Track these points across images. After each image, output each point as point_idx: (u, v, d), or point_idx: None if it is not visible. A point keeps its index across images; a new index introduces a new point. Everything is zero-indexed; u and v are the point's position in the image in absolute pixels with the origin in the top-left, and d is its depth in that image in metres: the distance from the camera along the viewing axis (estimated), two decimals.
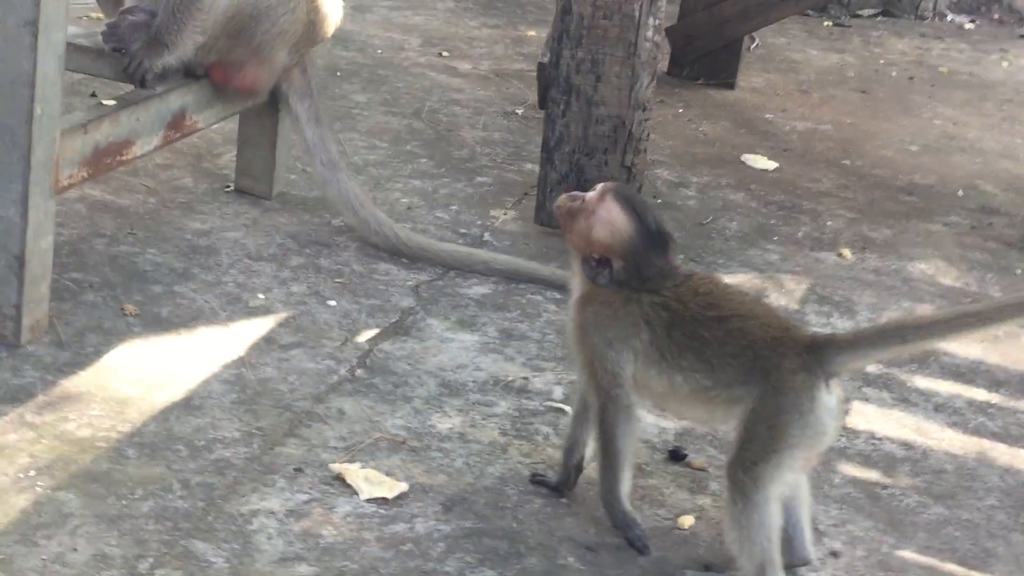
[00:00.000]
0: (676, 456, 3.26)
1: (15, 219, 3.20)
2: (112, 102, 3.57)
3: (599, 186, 2.99)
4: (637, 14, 4.14)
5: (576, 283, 3.03)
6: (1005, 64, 7.52)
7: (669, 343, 2.86)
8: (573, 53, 4.20)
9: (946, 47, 7.72)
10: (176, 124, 3.77)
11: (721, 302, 2.88)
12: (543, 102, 4.33)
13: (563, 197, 3.05)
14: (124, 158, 3.57)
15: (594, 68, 4.20)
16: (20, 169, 3.17)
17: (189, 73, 3.81)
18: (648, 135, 4.27)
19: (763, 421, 2.76)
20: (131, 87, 3.69)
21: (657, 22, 4.16)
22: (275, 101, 4.20)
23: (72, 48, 3.50)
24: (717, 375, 2.83)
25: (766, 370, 2.78)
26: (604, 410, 2.91)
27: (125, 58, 3.65)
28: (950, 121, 6.19)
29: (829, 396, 2.77)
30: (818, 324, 4.01)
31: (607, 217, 2.91)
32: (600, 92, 4.22)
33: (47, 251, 3.32)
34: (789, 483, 2.80)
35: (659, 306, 2.87)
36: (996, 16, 8.76)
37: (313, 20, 3.87)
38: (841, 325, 4.02)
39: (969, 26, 8.41)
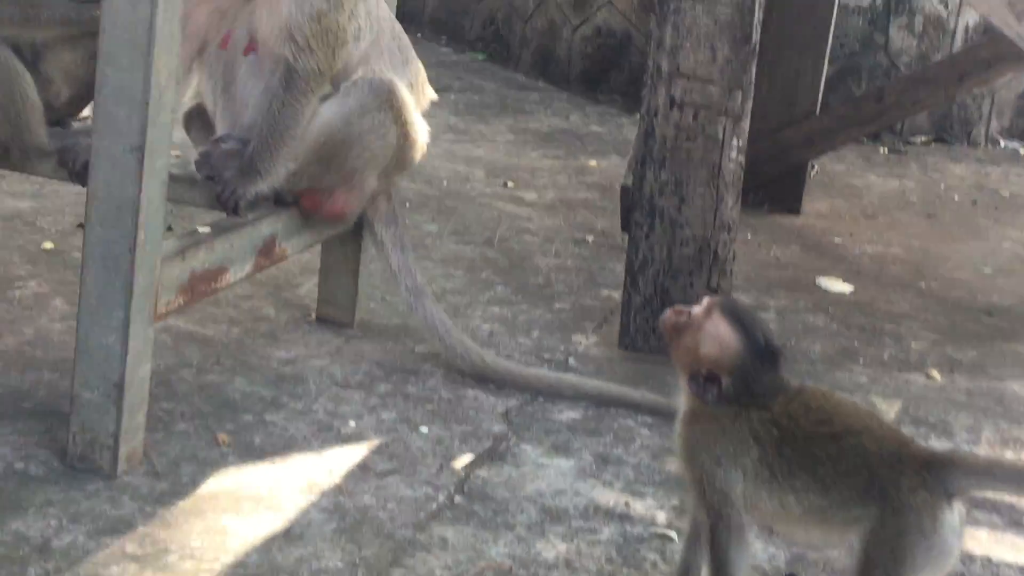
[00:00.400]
0: None
1: (115, 347, 3.18)
2: (206, 229, 3.57)
3: (706, 299, 2.94)
4: (721, 135, 4.15)
5: (683, 400, 2.95)
6: None
7: (780, 461, 2.78)
8: (656, 175, 4.20)
9: (1004, 171, 7.73)
10: (267, 251, 3.77)
11: (834, 417, 2.80)
12: (625, 224, 4.32)
13: (669, 312, 3.00)
14: (218, 285, 3.56)
15: (678, 190, 4.20)
16: (122, 296, 3.16)
17: (279, 200, 3.82)
18: (734, 257, 4.25)
19: (884, 544, 2.66)
20: (215, 217, 3.69)
21: (741, 143, 4.17)
22: (358, 229, 4.20)
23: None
24: (832, 495, 2.74)
25: (884, 489, 2.69)
26: (715, 530, 2.82)
27: (218, 186, 3.66)
28: (1019, 244, 6.15)
29: (952, 515, 2.68)
30: None
31: (715, 332, 2.84)
32: (684, 214, 4.21)
33: (144, 380, 3.29)
34: None
35: (769, 422, 2.79)
36: None
37: (403, 145, 3.88)
38: (940, 447, 3.93)
39: (1023, 151, 8.43)
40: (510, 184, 6.19)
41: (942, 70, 6.06)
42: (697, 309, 2.92)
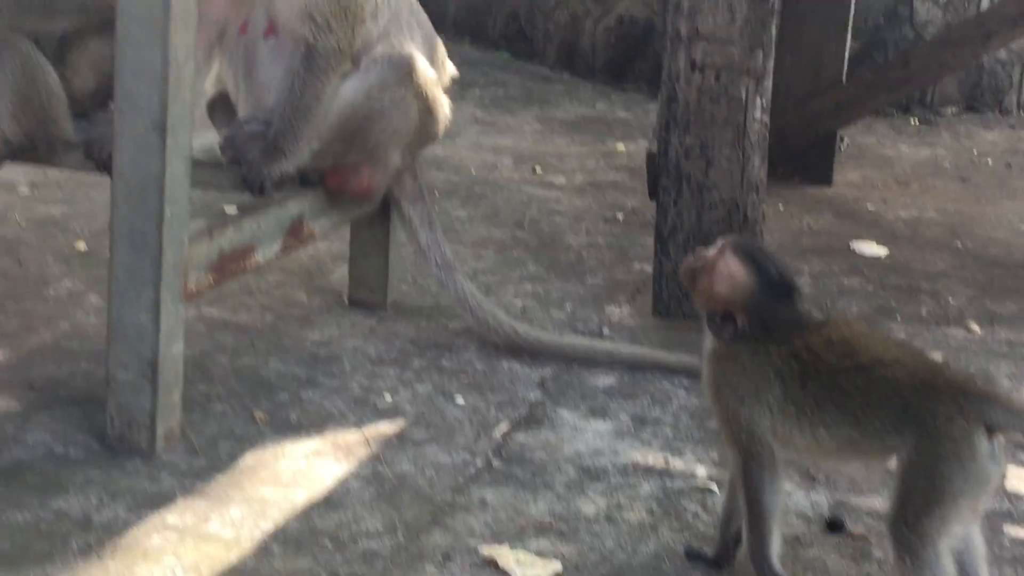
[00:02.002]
0: (835, 526, 3.12)
1: (147, 325, 3.20)
2: (233, 209, 3.59)
3: (719, 240, 2.93)
4: (744, 95, 4.13)
5: (707, 342, 2.94)
6: None
7: (804, 396, 2.74)
8: (681, 140, 4.19)
9: None
10: (295, 231, 3.78)
11: (860, 350, 2.75)
12: (653, 192, 4.30)
13: (688, 258, 2.99)
14: (248, 264, 3.57)
15: (704, 153, 4.18)
16: (151, 274, 3.17)
17: (304, 180, 3.84)
18: (764, 217, 4.22)
19: (922, 473, 2.62)
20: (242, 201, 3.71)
21: (764, 102, 4.15)
22: (386, 211, 4.21)
23: None
24: (864, 426, 2.70)
25: (920, 417, 2.65)
26: (746, 468, 2.80)
27: (243, 167, 3.68)
28: None
29: (989, 444, 2.64)
30: None
31: (726, 271, 2.82)
32: (711, 177, 4.19)
33: (178, 358, 3.30)
34: (958, 535, 2.65)
35: (789, 358, 2.75)
36: None
37: (425, 120, 3.88)
38: None
39: None
40: (538, 170, 6.19)
41: (967, 30, 6.00)
42: (711, 250, 2.91)
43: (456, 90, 7.83)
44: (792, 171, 6.24)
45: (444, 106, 3.98)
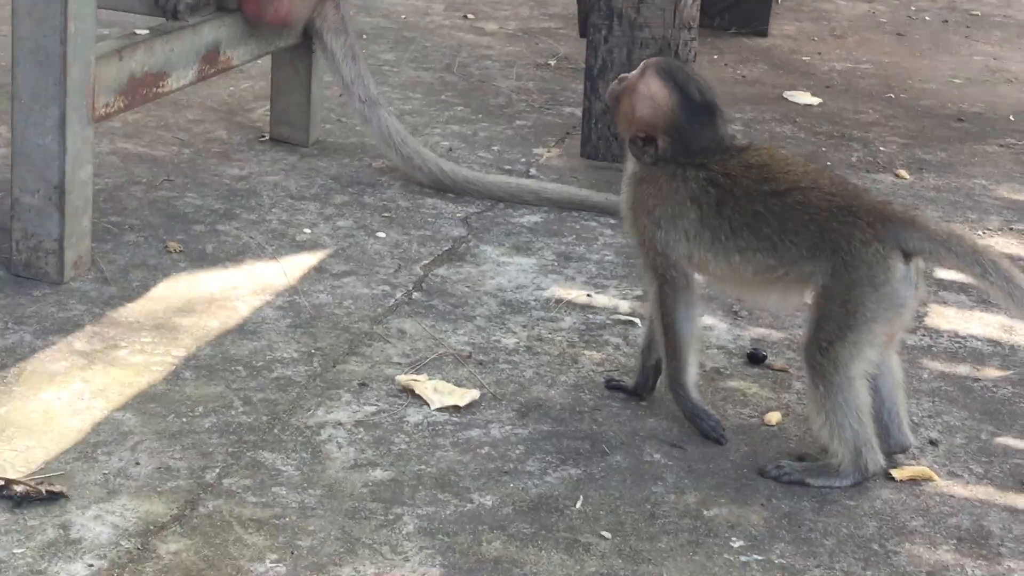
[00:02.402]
0: (755, 359, 3.10)
1: (53, 147, 3.07)
2: (144, 32, 3.45)
3: (643, 63, 2.84)
4: None
5: (628, 165, 2.87)
6: None
7: (720, 221, 2.69)
8: None
9: None
10: (210, 58, 3.64)
11: (778, 174, 2.69)
12: (584, 30, 4.19)
13: (613, 82, 2.90)
14: (160, 89, 3.44)
15: None
16: (56, 92, 3.04)
17: (221, 6, 3.69)
18: (695, 56, 4.13)
19: (836, 298, 2.59)
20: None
21: None
22: (308, 45, 4.07)
23: None
24: (780, 253, 2.65)
25: (836, 243, 2.61)
26: (661, 293, 2.76)
27: None
28: (990, 57, 6.03)
29: (905, 268, 2.60)
30: None
31: (647, 92, 2.76)
32: (643, 13, 4.08)
33: (87, 183, 3.18)
34: (873, 362, 2.63)
35: (705, 182, 2.70)
36: None
37: None
38: None
39: None
40: (470, 16, 6.03)
41: None
42: (633, 72, 2.82)
43: None
44: (729, 22, 6.14)
45: None
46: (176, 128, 4.27)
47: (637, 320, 3.23)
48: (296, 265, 3.40)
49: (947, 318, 3.39)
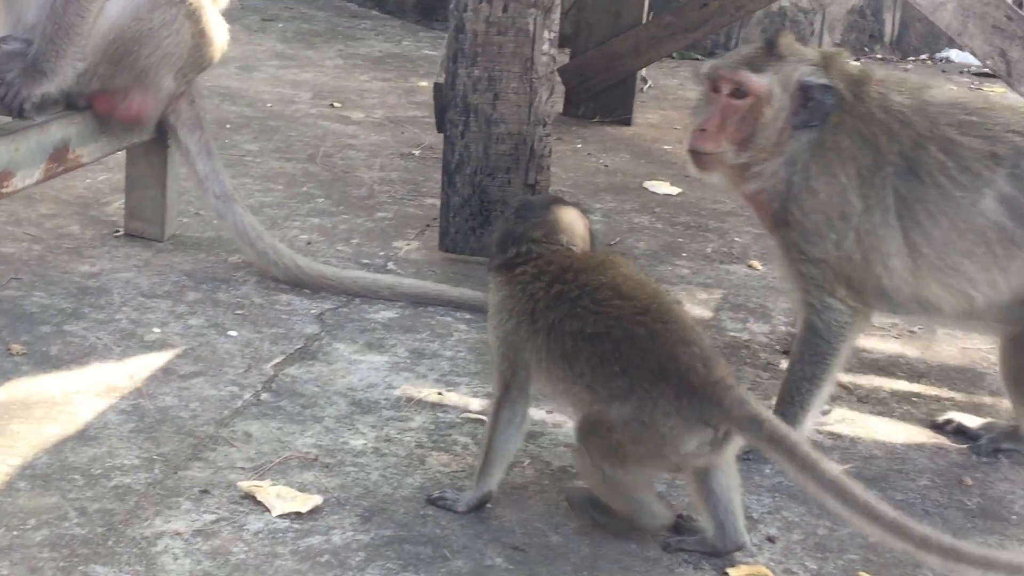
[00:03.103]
0: None
1: None
2: None
3: None
4: (532, 28, 4.08)
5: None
6: None
7: (547, 343, 2.75)
8: (469, 72, 4.12)
9: None
10: (58, 157, 3.61)
11: (609, 308, 2.69)
12: (441, 125, 4.23)
13: None
14: (4, 189, 3.39)
15: (491, 86, 4.13)
16: None
17: (71, 104, 3.66)
18: (550, 151, 4.20)
19: (628, 437, 2.64)
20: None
21: (552, 35, 4.10)
22: (163, 139, 4.05)
23: None
24: (594, 392, 2.67)
25: (641, 402, 2.61)
26: (497, 399, 2.82)
27: (1, 87, 3.49)
28: None
29: (702, 434, 2.61)
30: (735, 329, 3.93)
31: None
32: (499, 110, 4.14)
33: None
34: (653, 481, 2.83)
35: (545, 299, 2.75)
36: (880, 56, 8.93)
37: (199, 43, 3.74)
38: (758, 329, 3.95)
39: None
40: (337, 104, 6.07)
41: None
42: None
43: (258, 23, 7.67)
44: (593, 111, 6.26)
45: (220, 29, 3.84)
46: (27, 223, 4.21)
47: (486, 419, 3.24)
48: (143, 366, 3.36)
49: None
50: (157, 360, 3.40)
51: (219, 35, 3.83)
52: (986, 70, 5.69)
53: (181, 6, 3.64)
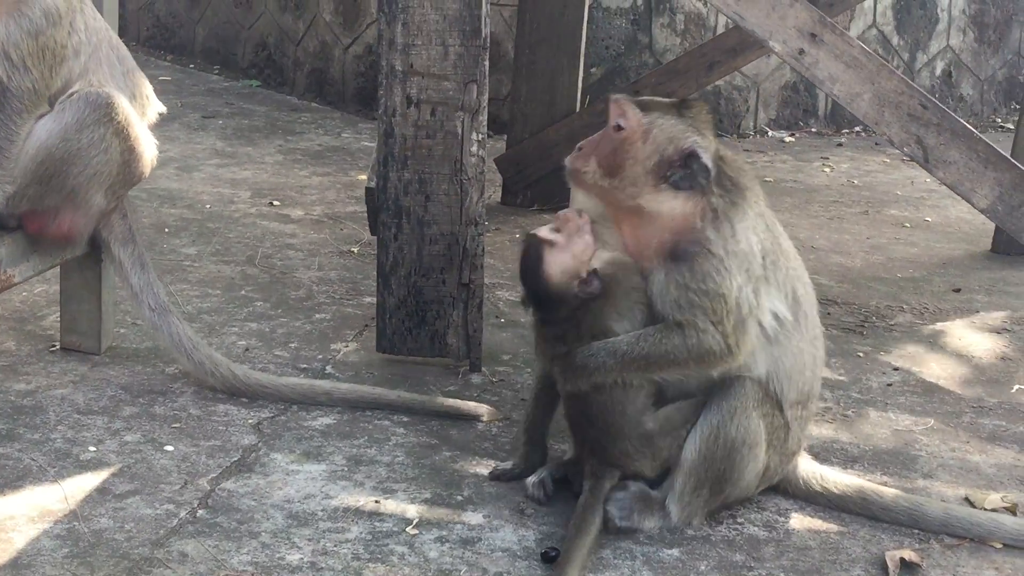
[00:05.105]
0: (548, 558, 3.14)
1: None
2: None
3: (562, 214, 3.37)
4: (460, 130, 4.15)
5: None
6: (827, 170, 7.77)
7: None
8: (400, 175, 4.18)
9: (770, 159, 7.96)
10: None
11: None
12: (374, 228, 4.28)
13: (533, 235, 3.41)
14: None
15: (422, 188, 4.18)
16: None
17: (1, 225, 3.68)
18: (483, 250, 4.24)
19: None
20: None
21: (480, 137, 4.17)
22: (97, 252, 4.07)
23: None
24: None
25: None
26: None
27: None
28: (782, 224, 6.29)
29: None
30: None
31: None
32: (431, 211, 4.19)
33: None
34: None
35: None
36: (814, 129, 9.09)
37: (128, 160, 3.77)
38: None
39: (789, 139, 8.70)
40: (276, 203, 6.11)
41: (692, 60, 6.20)
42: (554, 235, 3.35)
43: (199, 121, 7.74)
44: (531, 199, 6.34)
45: (149, 144, 3.88)
46: None
47: (416, 531, 3.25)
48: (78, 487, 3.35)
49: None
50: (92, 480, 3.40)
51: (148, 150, 3.87)
52: None
53: (109, 125, 3.68)
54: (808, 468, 3.52)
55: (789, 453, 3.43)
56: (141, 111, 3.85)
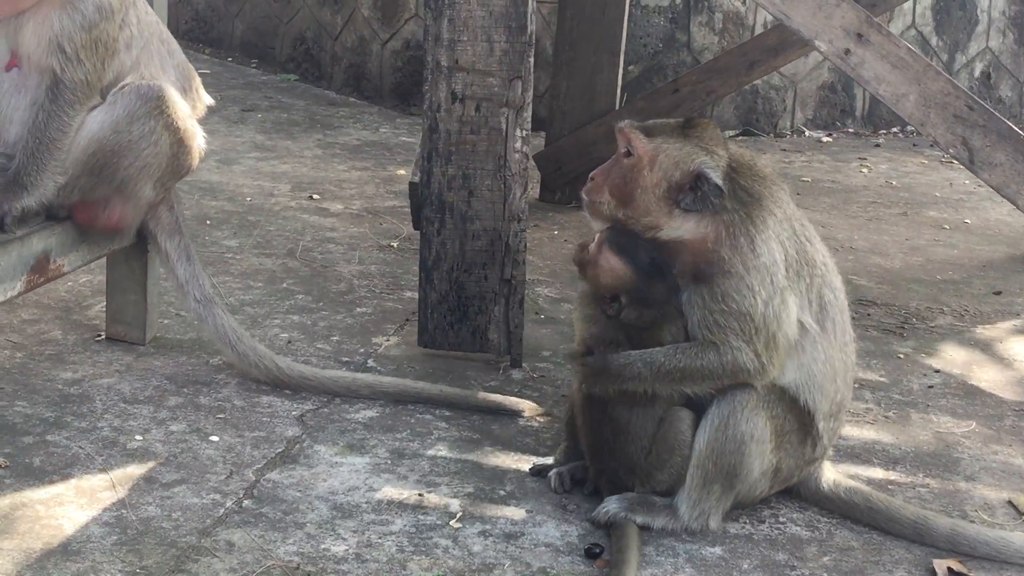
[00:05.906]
0: (591, 554, 3.15)
1: None
2: None
3: (597, 235, 3.32)
4: (504, 127, 4.16)
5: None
6: (865, 171, 7.75)
7: None
8: (444, 170, 4.20)
9: (807, 159, 7.94)
10: (40, 268, 3.66)
11: None
12: (417, 223, 4.30)
13: (576, 249, 3.42)
14: None
15: (466, 183, 4.20)
16: None
17: (51, 215, 3.72)
18: (525, 246, 4.26)
19: None
20: None
21: (524, 133, 4.19)
22: (143, 243, 4.11)
23: None
24: None
25: None
26: None
27: None
28: (819, 224, 6.30)
29: None
30: None
31: (607, 265, 3.29)
32: (474, 207, 4.21)
33: None
34: None
35: None
36: (851, 129, 9.06)
37: (177, 152, 3.80)
38: None
39: (827, 139, 8.67)
40: (315, 196, 6.14)
41: (732, 59, 6.20)
42: (592, 246, 3.32)
43: (238, 114, 7.78)
44: (569, 196, 6.35)
45: (198, 137, 3.91)
46: (9, 330, 4.24)
47: (460, 524, 3.27)
48: (126, 476, 3.39)
49: (766, 501, 3.50)
50: (139, 469, 3.43)
51: (197, 143, 3.90)
52: None
53: (160, 118, 3.71)
54: (830, 476, 3.49)
55: (809, 459, 3.40)
56: (191, 104, 3.88)
